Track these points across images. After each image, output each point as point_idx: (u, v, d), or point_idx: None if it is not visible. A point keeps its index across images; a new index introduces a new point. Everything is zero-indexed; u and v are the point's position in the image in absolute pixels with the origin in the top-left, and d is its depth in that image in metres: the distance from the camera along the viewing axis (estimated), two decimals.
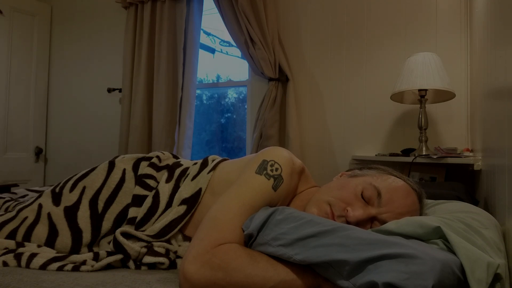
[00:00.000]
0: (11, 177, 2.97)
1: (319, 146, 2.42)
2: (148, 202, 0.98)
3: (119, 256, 0.86)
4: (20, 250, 0.89)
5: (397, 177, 0.89)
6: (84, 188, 1.00)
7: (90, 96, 3.13)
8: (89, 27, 3.15)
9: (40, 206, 0.98)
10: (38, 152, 3.18)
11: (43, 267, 0.84)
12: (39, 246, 0.92)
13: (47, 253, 0.89)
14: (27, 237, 0.94)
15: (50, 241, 0.93)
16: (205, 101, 3.18)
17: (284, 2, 2.53)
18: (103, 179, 1.02)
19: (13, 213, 0.99)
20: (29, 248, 0.90)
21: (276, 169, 0.88)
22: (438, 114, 2.14)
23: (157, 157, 1.11)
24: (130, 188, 1.01)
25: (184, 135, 2.65)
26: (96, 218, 0.97)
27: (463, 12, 2.10)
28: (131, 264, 0.88)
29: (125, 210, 0.99)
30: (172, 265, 0.89)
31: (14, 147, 3.04)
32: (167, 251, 0.91)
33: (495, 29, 1.17)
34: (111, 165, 1.05)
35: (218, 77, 3.11)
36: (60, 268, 0.83)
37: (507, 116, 0.93)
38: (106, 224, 0.97)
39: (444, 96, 1.94)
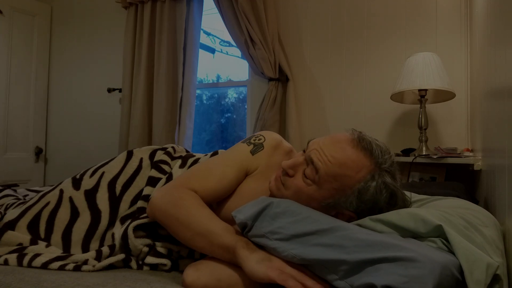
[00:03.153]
0: (11, 177, 2.97)
1: None
2: (161, 183, 1.02)
3: (120, 256, 0.88)
4: (27, 250, 0.90)
5: None
6: (103, 173, 1.05)
7: (90, 96, 3.13)
8: (89, 27, 3.15)
9: (61, 191, 1.03)
10: (38, 152, 3.18)
11: (45, 265, 0.85)
12: (47, 246, 0.93)
13: (51, 253, 0.90)
14: (51, 220, 0.97)
15: (72, 222, 0.98)
16: (205, 101, 3.18)
17: (284, 2, 2.53)
18: (121, 166, 1.07)
19: (35, 198, 1.03)
20: (37, 248, 0.91)
21: (259, 140, 0.97)
22: (438, 114, 2.14)
23: (172, 147, 1.17)
24: (146, 174, 1.06)
25: (184, 135, 2.65)
26: (114, 200, 1.01)
27: (463, 12, 2.10)
28: (133, 264, 0.88)
29: (141, 192, 1.03)
30: (174, 266, 0.89)
31: (14, 147, 3.04)
32: (170, 251, 0.91)
33: (495, 29, 1.17)
34: (129, 154, 1.10)
35: (218, 77, 3.11)
36: (61, 267, 0.84)
37: (507, 116, 0.93)
38: (124, 205, 1.01)
39: (444, 96, 1.95)
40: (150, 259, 0.87)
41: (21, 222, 0.98)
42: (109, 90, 2.99)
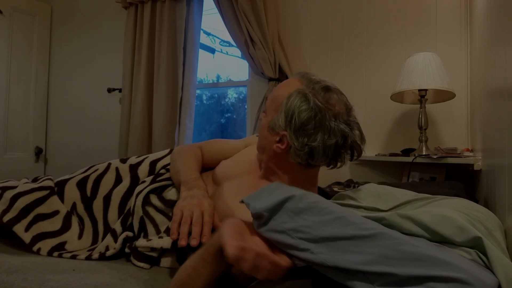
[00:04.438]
0: (11, 177, 2.94)
1: None
2: None
3: (130, 234, 1.00)
4: (60, 239, 1.01)
5: None
6: (148, 157, 1.23)
7: (90, 96, 3.13)
8: (89, 27, 3.15)
9: (109, 163, 1.20)
10: (38, 152, 3.18)
11: (73, 257, 0.97)
12: (79, 237, 1.04)
13: (80, 246, 1.02)
14: (98, 182, 1.13)
15: (114, 187, 1.13)
16: (205, 101, 3.18)
17: (284, 2, 2.53)
18: (164, 154, 1.24)
19: (85, 168, 1.21)
20: (69, 236, 1.02)
21: None
22: (438, 114, 2.14)
23: None
24: None
25: (184, 135, 2.65)
26: (153, 174, 1.15)
27: (463, 12, 2.11)
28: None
29: None
30: (155, 262, 0.95)
31: (14, 147, 3.04)
32: (152, 249, 0.94)
33: (495, 29, 1.17)
34: (171, 150, 1.27)
35: (218, 77, 3.11)
36: (88, 258, 0.96)
37: (507, 116, 0.93)
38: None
39: (444, 96, 1.95)
40: (133, 261, 0.94)
41: (72, 180, 1.14)
42: (109, 90, 2.99)
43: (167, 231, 0.95)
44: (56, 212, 1.05)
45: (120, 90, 2.93)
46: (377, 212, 0.86)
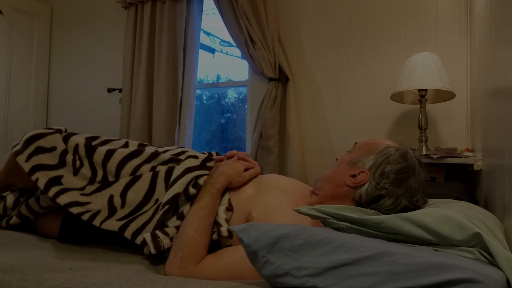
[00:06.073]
0: None
1: (319, 146, 2.42)
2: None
3: (134, 228, 1.03)
4: (55, 173, 1.05)
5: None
6: (168, 150, 1.24)
7: (90, 96, 3.13)
8: (89, 27, 3.15)
9: (127, 142, 1.24)
10: None
11: (67, 206, 1.00)
12: (74, 174, 1.07)
13: (74, 184, 1.06)
14: (106, 142, 1.18)
15: (128, 159, 1.13)
16: (205, 101, 3.18)
17: (284, 2, 2.53)
18: (180, 151, 1.25)
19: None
20: (65, 172, 1.07)
21: None
22: (438, 114, 2.14)
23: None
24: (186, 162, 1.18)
25: (184, 135, 2.65)
26: (157, 152, 1.19)
27: (463, 12, 2.11)
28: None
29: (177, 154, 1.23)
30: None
31: None
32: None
33: (495, 29, 1.17)
34: (182, 147, 1.30)
35: (218, 77, 3.11)
36: (80, 214, 0.99)
37: (507, 116, 0.93)
38: (163, 156, 1.20)
39: (444, 96, 1.95)
40: (149, 243, 0.95)
41: (83, 134, 1.19)
42: (109, 90, 2.99)
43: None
44: (53, 148, 1.10)
45: (120, 90, 2.93)
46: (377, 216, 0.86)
